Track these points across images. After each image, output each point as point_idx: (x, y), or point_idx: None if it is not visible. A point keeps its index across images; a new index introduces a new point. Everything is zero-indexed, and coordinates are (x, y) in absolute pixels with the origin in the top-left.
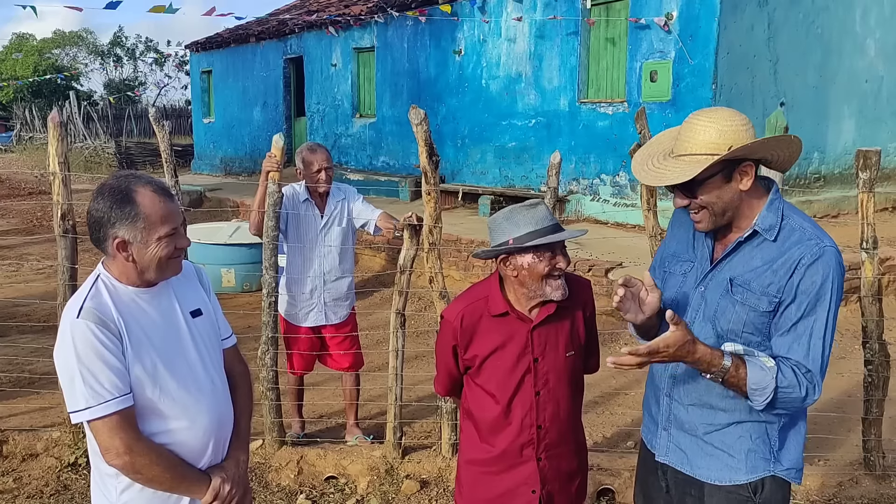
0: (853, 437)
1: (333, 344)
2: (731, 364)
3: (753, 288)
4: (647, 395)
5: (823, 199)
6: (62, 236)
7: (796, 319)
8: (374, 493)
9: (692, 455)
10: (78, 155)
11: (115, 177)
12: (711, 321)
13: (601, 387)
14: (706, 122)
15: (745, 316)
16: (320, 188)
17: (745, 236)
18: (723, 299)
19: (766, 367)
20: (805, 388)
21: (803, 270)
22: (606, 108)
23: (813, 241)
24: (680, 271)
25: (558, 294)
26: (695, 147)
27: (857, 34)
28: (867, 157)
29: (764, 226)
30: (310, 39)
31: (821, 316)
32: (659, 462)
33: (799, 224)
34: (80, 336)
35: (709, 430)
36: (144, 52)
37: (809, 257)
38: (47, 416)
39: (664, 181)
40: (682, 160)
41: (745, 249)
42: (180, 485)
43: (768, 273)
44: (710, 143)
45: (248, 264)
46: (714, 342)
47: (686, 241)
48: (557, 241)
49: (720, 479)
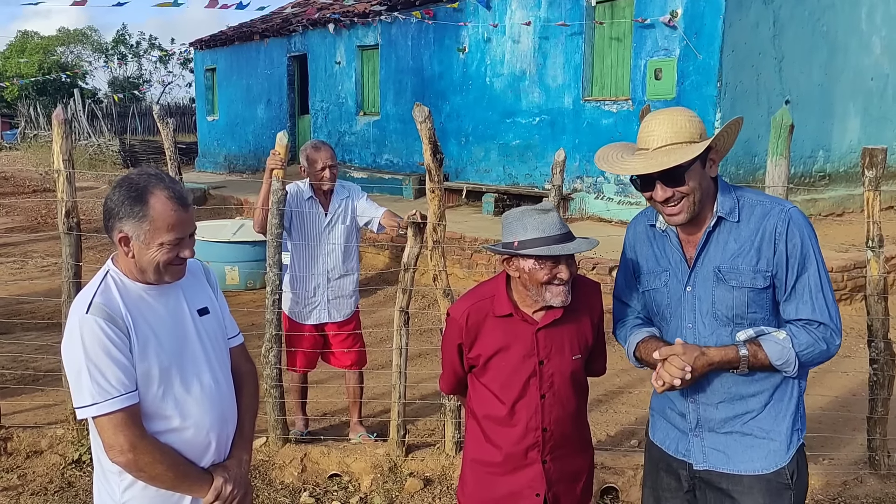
0: (858, 437)
1: (337, 342)
2: (748, 353)
3: (743, 270)
4: (659, 401)
5: (828, 197)
6: (66, 233)
7: (793, 282)
8: (378, 490)
9: (733, 453)
10: (82, 153)
11: (139, 172)
12: (712, 314)
13: (605, 385)
14: (674, 115)
15: (746, 297)
16: (324, 186)
17: (712, 225)
18: (717, 290)
19: (780, 340)
20: (824, 340)
21: (784, 238)
22: (611, 106)
23: (777, 209)
24: (661, 283)
25: (558, 301)
26: (671, 137)
27: (862, 32)
28: (873, 155)
29: (725, 210)
30: (314, 37)
31: (812, 270)
32: (684, 463)
33: (755, 199)
34: (89, 332)
35: (746, 419)
36: (148, 50)
37: (782, 224)
38: (51, 412)
39: (661, 164)
40: (663, 150)
41: (715, 238)
42: (182, 483)
43: (752, 252)
44: (685, 131)
45: (251, 262)
46: (724, 332)
47: (653, 255)
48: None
49: (767, 467)
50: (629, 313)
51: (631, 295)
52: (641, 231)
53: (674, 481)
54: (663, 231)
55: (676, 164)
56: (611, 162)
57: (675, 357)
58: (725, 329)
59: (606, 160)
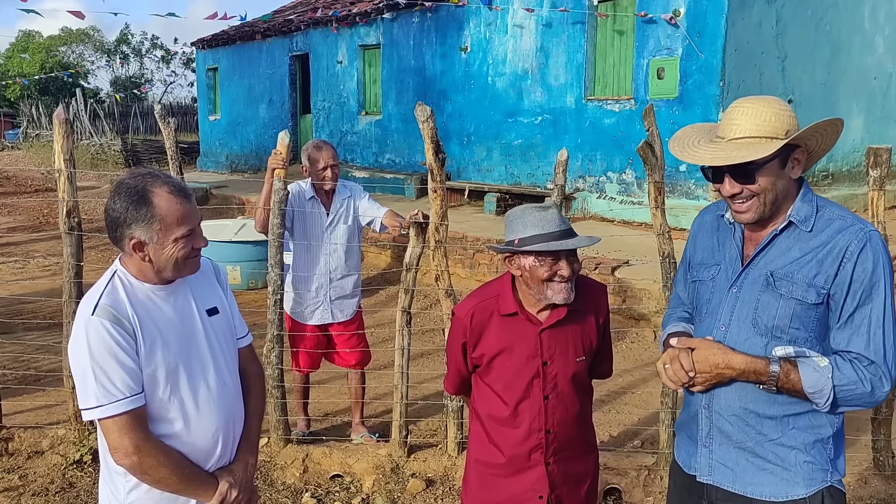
0: (862, 438)
1: (340, 342)
2: (780, 370)
3: (797, 280)
4: (682, 415)
5: (832, 196)
6: (68, 233)
7: (852, 310)
8: (380, 491)
9: (742, 471)
10: (84, 152)
11: (132, 175)
12: (751, 321)
13: (608, 385)
14: (761, 106)
15: (791, 310)
16: (326, 186)
17: (781, 228)
18: (764, 294)
19: (820, 368)
20: (870, 381)
21: (854, 258)
22: (613, 106)
23: (856, 227)
24: (708, 276)
25: (560, 298)
26: (751, 129)
27: (865, 31)
28: (878, 155)
29: (800, 216)
30: (315, 36)
31: (877, 303)
32: (703, 485)
33: (837, 213)
34: (95, 334)
35: (760, 440)
36: (151, 50)
37: (857, 244)
38: (53, 413)
39: (731, 158)
40: (737, 143)
41: (779, 242)
42: (187, 487)
43: (813, 263)
44: (769, 125)
45: (253, 262)
46: (758, 343)
47: (711, 247)
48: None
49: (776, 496)
50: (678, 304)
51: (684, 288)
52: (709, 220)
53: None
54: (731, 223)
55: (748, 160)
56: (683, 147)
57: (684, 354)
58: (761, 339)
59: (680, 144)
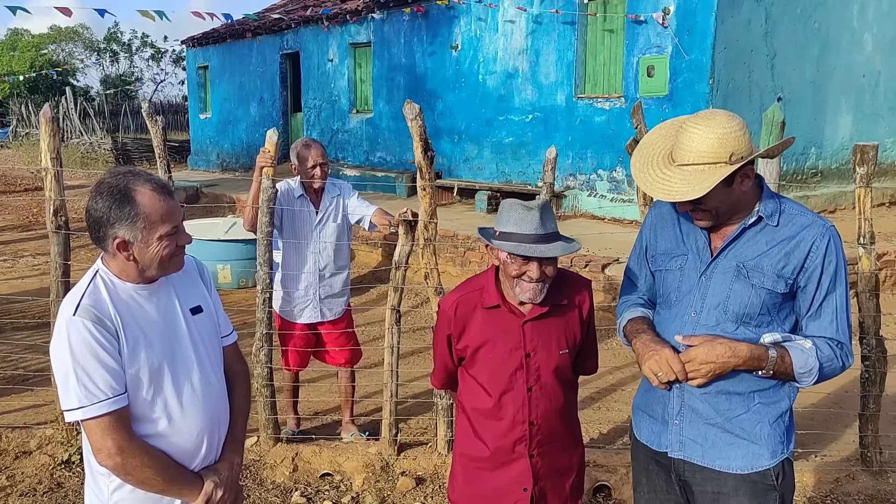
0: (850, 434)
1: (330, 340)
2: (776, 355)
3: (767, 271)
4: (642, 397)
5: (820, 194)
6: (55, 232)
7: (822, 299)
8: (370, 490)
9: (710, 446)
10: (74, 151)
11: (113, 174)
12: (722, 308)
13: (597, 383)
14: (704, 131)
15: (762, 298)
16: (315, 184)
17: (750, 222)
18: (735, 284)
19: (806, 349)
20: (841, 358)
21: (822, 254)
22: (603, 104)
23: (818, 223)
24: (676, 266)
25: (526, 297)
26: (695, 156)
27: (854, 29)
28: (864, 152)
29: (767, 212)
30: (306, 35)
31: (840, 291)
32: (672, 460)
33: (797, 210)
34: (76, 334)
35: (729, 416)
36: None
37: (821, 239)
38: (41, 413)
39: (672, 197)
40: (685, 170)
41: (748, 235)
42: (172, 487)
43: (782, 256)
44: (711, 152)
45: (243, 260)
46: (728, 328)
47: (675, 237)
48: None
49: (744, 468)
50: (632, 291)
51: (639, 275)
52: (667, 212)
53: (664, 482)
54: None
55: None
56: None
57: (672, 356)
58: (731, 325)
59: (641, 161)
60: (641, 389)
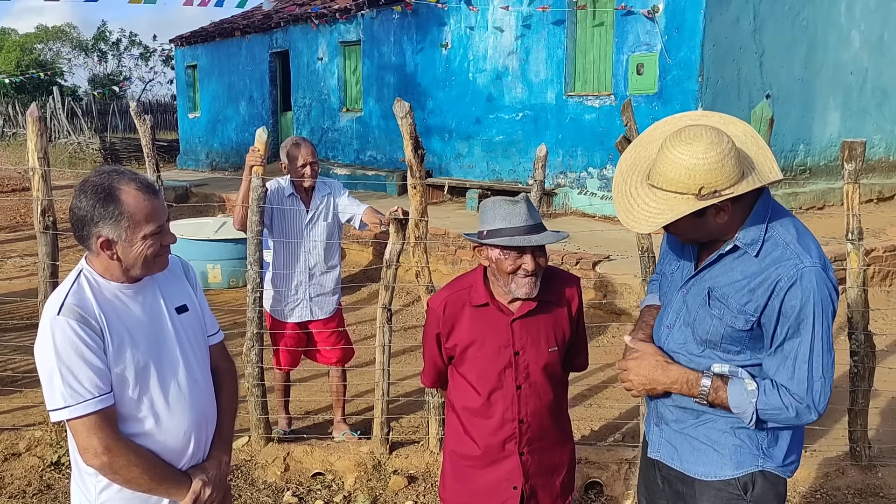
0: (839, 429)
1: (321, 339)
2: (710, 385)
3: (731, 304)
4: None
5: (809, 191)
6: (42, 232)
7: (780, 341)
8: (362, 489)
9: (681, 451)
10: (62, 151)
11: (97, 173)
12: (691, 327)
13: (589, 380)
14: (678, 156)
15: (723, 330)
16: (305, 183)
17: (727, 250)
18: (700, 310)
19: (747, 391)
20: (795, 409)
21: (782, 294)
22: (593, 102)
23: (791, 263)
24: (669, 271)
25: (522, 293)
26: (664, 182)
27: (842, 26)
28: (852, 149)
29: (746, 240)
30: (295, 33)
31: (805, 339)
32: (652, 458)
33: (783, 239)
34: (61, 333)
35: (694, 423)
36: (129, 47)
37: (786, 280)
38: (30, 414)
39: (628, 224)
40: (655, 193)
41: (725, 261)
42: (159, 486)
43: (746, 291)
44: (679, 182)
45: (234, 260)
46: (694, 350)
47: (679, 242)
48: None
49: (706, 475)
50: (656, 279)
51: (662, 265)
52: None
53: (654, 476)
54: None
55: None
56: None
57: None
58: (697, 347)
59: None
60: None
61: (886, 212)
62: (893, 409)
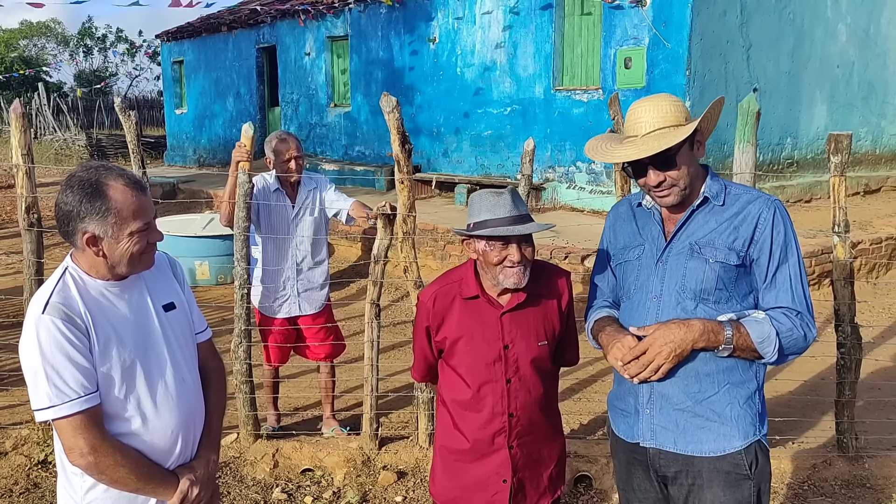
0: (826, 420)
1: (310, 335)
2: (732, 328)
3: (718, 245)
4: (616, 391)
5: (796, 184)
6: (27, 230)
7: (774, 270)
8: (351, 484)
9: (681, 432)
10: (48, 147)
11: (84, 168)
12: (679, 287)
13: (578, 374)
14: (658, 101)
15: (716, 273)
16: (291, 178)
17: (698, 203)
18: (690, 261)
19: (760, 319)
20: (801, 328)
21: (768, 224)
22: (581, 96)
23: (764, 198)
24: (634, 256)
25: (510, 283)
26: (658, 122)
27: (828, 20)
28: (839, 141)
29: (712, 192)
30: (283, 28)
31: (793, 261)
32: (647, 453)
33: (742, 189)
34: (45, 332)
35: (698, 398)
36: (115, 43)
37: (768, 211)
38: (16, 413)
39: (653, 150)
40: (650, 136)
41: (697, 217)
42: (146, 486)
43: (731, 230)
44: (671, 115)
45: (222, 256)
46: (689, 306)
47: (632, 231)
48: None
49: (714, 451)
50: (598, 295)
51: (603, 278)
52: (624, 211)
53: (643, 480)
54: (649, 208)
55: (667, 147)
56: (601, 152)
57: (631, 340)
58: (691, 303)
59: (597, 150)
60: (614, 384)
61: (873, 204)
62: (880, 400)
